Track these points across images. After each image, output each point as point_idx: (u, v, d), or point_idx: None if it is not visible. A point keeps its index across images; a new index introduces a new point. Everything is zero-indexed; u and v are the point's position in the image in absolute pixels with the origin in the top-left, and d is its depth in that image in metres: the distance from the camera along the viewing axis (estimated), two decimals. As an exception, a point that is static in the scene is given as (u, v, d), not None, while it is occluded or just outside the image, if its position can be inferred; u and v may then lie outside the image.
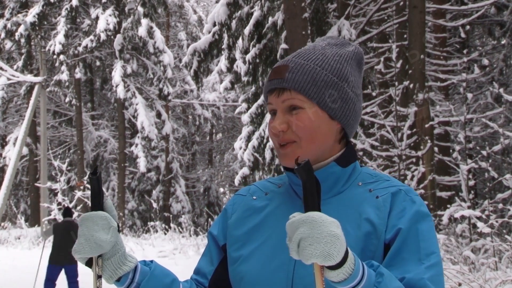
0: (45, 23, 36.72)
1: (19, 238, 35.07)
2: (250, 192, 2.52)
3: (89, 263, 2.21)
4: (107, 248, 2.17)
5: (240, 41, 20.55)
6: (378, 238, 2.19)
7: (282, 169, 2.45)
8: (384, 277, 2.02)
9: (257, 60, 19.99)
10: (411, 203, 2.21)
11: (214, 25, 20.43)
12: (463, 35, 18.40)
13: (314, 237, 1.92)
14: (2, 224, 36.06)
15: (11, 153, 36.65)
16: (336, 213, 2.13)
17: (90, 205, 2.26)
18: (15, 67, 37.84)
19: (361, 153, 14.44)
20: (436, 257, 2.16)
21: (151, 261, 2.39)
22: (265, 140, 20.33)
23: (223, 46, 20.91)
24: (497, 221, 12.39)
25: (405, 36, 16.15)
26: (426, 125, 14.36)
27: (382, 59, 16.51)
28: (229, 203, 2.58)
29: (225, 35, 20.52)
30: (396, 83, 15.05)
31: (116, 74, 32.80)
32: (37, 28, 36.76)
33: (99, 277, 2.23)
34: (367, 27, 17.73)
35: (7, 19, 39.17)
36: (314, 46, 2.42)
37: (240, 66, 21.11)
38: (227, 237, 2.45)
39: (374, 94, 16.86)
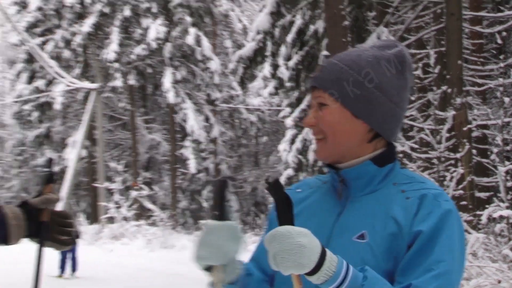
0: (100, 33, 36.94)
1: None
2: (297, 186, 2.52)
3: (208, 268, 2.23)
4: (232, 258, 2.21)
5: (283, 48, 20.45)
6: (403, 239, 2.14)
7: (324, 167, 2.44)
8: (368, 280, 2.02)
9: (300, 67, 19.96)
10: (438, 208, 2.15)
11: (258, 33, 20.40)
12: (499, 41, 18.13)
13: (284, 250, 1.98)
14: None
15: (71, 155, 36.98)
16: (367, 210, 2.24)
17: (214, 213, 2.25)
18: (73, 74, 38.00)
19: (401, 155, 14.24)
20: (446, 265, 2.09)
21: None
22: (308, 143, 20.21)
23: (266, 53, 20.89)
24: (535, 221, 12.15)
25: (442, 42, 15.93)
26: (464, 128, 14.09)
27: (420, 65, 16.35)
28: None
29: (269, 43, 20.49)
30: (435, 88, 14.91)
31: (166, 81, 32.99)
32: (92, 37, 37.01)
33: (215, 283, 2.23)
34: (405, 34, 17.50)
35: (65, 30, 39.46)
36: (357, 49, 2.40)
37: (283, 72, 20.94)
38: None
39: (413, 98, 16.55)
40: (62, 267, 20.44)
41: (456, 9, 14.97)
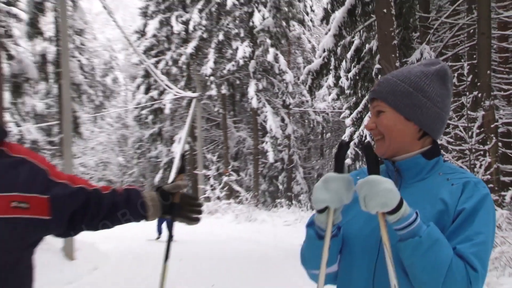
0: (200, 53, 37.33)
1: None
2: (356, 173, 2.52)
3: (321, 211, 2.25)
4: (342, 204, 2.24)
5: (343, 63, 20.39)
6: (449, 215, 2.20)
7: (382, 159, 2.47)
8: (431, 227, 2.12)
9: (357, 77, 19.88)
10: (478, 192, 2.21)
11: (324, 51, 20.25)
12: None
13: (373, 193, 2.11)
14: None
15: (177, 148, 37.33)
16: (418, 194, 2.29)
17: (336, 166, 2.29)
18: (178, 86, 38.50)
19: (440, 145, 13.88)
20: (484, 237, 2.15)
21: None
22: (363, 138, 20.03)
23: (330, 67, 20.74)
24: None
25: (474, 56, 15.67)
26: (492, 126, 13.84)
27: (455, 74, 16.06)
28: None
29: (332, 59, 20.36)
30: (467, 93, 14.70)
31: (251, 90, 33.05)
32: (194, 57, 37.32)
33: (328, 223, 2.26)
34: (444, 50, 17.28)
35: (173, 51, 39.92)
36: (407, 66, 2.46)
37: (344, 82, 20.85)
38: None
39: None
40: (159, 231, 20.80)
41: (486, 29, 14.63)
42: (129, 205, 2.95)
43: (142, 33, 42.53)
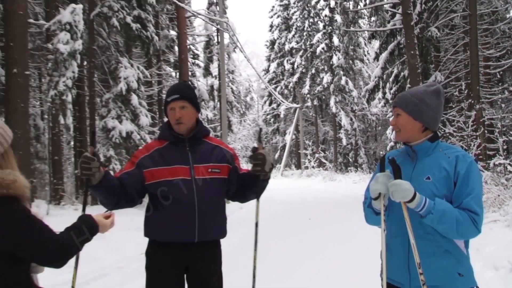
0: (301, 81, 36.96)
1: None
2: (390, 154, 2.42)
3: (376, 198, 2.24)
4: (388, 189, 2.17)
5: (387, 84, 19.82)
6: (450, 179, 2.15)
7: (402, 144, 2.41)
8: (436, 201, 2.09)
9: (396, 93, 19.24)
10: (465, 161, 2.17)
11: (375, 77, 19.96)
12: (498, 75, 16.97)
13: (396, 191, 2.10)
14: (286, 169, 37.27)
15: (288, 138, 37.59)
16: (428, 165, 2.22)
17: (379, 169, 2.27)
18: (288, 100, 38.62)
19: (448, 133, 13.59)
20: (477, 190, 2.12)
21: None
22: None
23: (380, 87, 20.27)
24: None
25: (468, 78, 14.99)
26: (480, 120, 13.35)
27: (457, 90, 15.52)
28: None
29: (381, 82, 19.94)
30: (465, 101, 14.21)
31: (331, 102, 32.55)
32: (297, 83, 37.35)
33: (381, 206, 2.24)
34: (449, 75, 16.60)
35: (284, 80, 40.09)
36: (417, 87, 2.37)
37: (388, 96, 20.10)
38: None
39: (453, 106, 15.69)
40: None
41: (475, 61, 14.05)
42: None
43: (266, 70, 42.60)
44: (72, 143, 15.63)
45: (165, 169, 2.62)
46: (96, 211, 2.49)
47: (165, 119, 2.90)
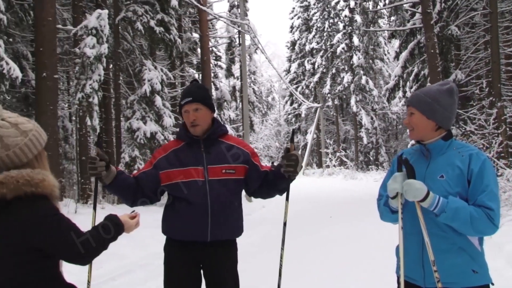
0: (321, 81, 36.92)
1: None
2: (405, 152, 2.41)
3: (393, 197, 2.23)
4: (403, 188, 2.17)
5: (408, 83, 19.59)
6: (463, 176, 2.13)
7: (415, 142, 2.37)
8: (450, 199, 2.08)
9: (417, 92, 19.09)
10: (479, 159, 2.15)
11: (395, 76, 19.76)
12: None
13: (410, 190, 2.11)
14: (308, 168, 37.21)
15: (309, 137, 37.47)
16: (442, 163, 2.20)
17: (397, 169, 2.25)
18: (309, 100, 38.52)
19: (469, 132, 13.35)
20: (491, 187, 2.10)
21: None
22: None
23: (400, 86, 20.06)
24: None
25: (489, 76, 14.67)
26: (502, 118, 13.07)
27: (478, 87, 15.19)
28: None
29: (401, 81, 19.73)
30: (486, 98, 13.92)
31: (352, 101, 32.45)
32: (318, 83, 37.22)
33: (397, 204, 2.22)
34: (470, 73, 16.19)
35: (305, 80, 39.97)
36: (430, 85, 2.36)
37: (408, 95, 19.85)
38: None
39: (474, 104, 15.40)
40: None
41: (496, 58, 13.73)
42: None
43: (288, 71, 42.42)
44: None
45: (180, 170, 2.66)
46: (122, 210, 2.60)
47: None
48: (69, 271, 2.26)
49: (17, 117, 1.80)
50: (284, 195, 2.82)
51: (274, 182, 2.72)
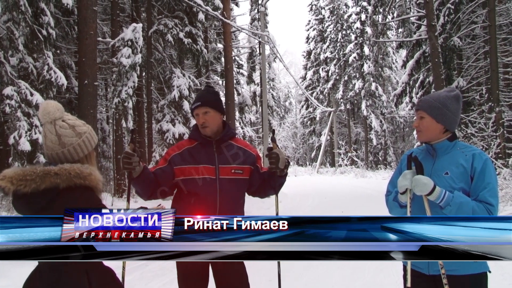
0: (334, 86, 36.67)
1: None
2: (413, 151, 2.37)
3: (403, 193, 2.18)
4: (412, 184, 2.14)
5: (414, 89, 19.26)
6: (467, 173, 2.13)
7: (422, 143, 2.35)
8: (455, 194, 2.07)
9: (422, 97, 18.80)
10: (481, 158, 2.15)
11: (403, 83, 19.59)
12: None
13: (418, 185, 2.09)
14: (321, 167, 36.98)
15: (322, 139, 37.23)
16: (447, 162, 2.19)
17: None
18: (323, 104, 38.24)
19: (469, 134, 13.16)
20: (492, 184, 2.09)
21: None
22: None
23: (407, 92, 19.77)
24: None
25: (489, 83, 14.45)
26: (500, 121, 13.00)
27: (478, 93, 14.96)
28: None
29: (407, 87, 19.53)
30: (485, 104, 13.72)
31: (363, 105, 32.24)
32: (331, 89, 36.95)
33: (406, 199, 2.18)
34: (471, 80, 15.94)
35: (320, 87, 39.75)
36: (439, 91, 2.32)
37: (415, 99, 19.63)
38: None
39: (475, 109, 15.15)
40: None
41: (495, 67, 13.59)
42: None
43: (303, 78, 42.24)
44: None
45: (193, 167, 2.64)
46: (151, 203, 2.63)
47: None
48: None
49: (75, 120, 1.90)
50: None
51: (267, 180, 2.73)
